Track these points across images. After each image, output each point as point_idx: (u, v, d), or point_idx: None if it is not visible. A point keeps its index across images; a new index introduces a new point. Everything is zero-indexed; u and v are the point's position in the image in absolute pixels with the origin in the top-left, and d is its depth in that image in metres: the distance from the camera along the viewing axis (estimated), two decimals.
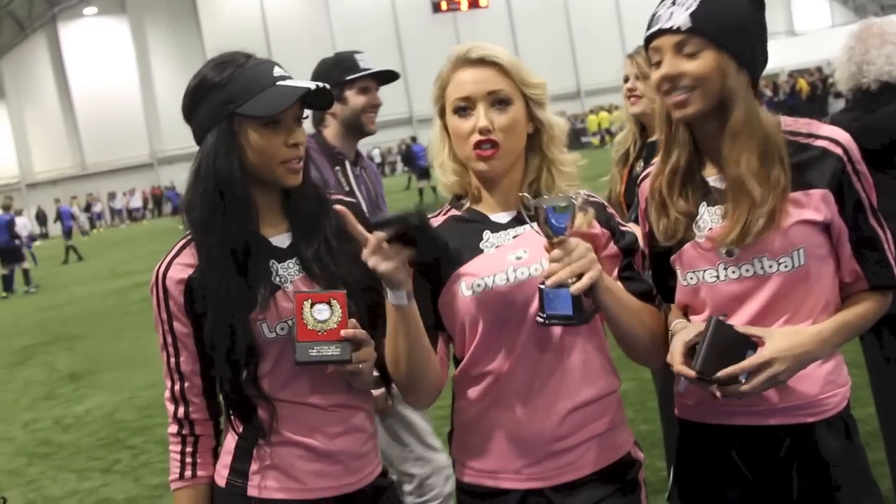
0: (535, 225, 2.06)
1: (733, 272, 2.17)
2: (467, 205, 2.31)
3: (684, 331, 2.17)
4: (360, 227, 2.07)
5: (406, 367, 2.16)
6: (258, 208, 2.20)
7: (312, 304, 2.10)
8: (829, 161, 2.13)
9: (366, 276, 2.12)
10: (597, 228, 2.24)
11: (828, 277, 2.18)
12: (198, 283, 2.17)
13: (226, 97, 2.13)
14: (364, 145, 4.07)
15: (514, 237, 2.22)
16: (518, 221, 2.22)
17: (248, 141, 2.14)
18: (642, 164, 3.68)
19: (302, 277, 2.21)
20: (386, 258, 1.99)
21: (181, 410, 2.24)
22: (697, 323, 2.20)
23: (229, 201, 2.14)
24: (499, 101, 2.18)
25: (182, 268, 2.20)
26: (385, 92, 3.94)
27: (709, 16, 2.08)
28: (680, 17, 2.09)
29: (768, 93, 33.09)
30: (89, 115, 52.54)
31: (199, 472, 2.24)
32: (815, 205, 2.12)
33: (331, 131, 3.79)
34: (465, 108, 2.19)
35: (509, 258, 2.17)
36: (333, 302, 2.11)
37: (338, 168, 3.76)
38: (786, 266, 2.13)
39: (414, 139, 35.74)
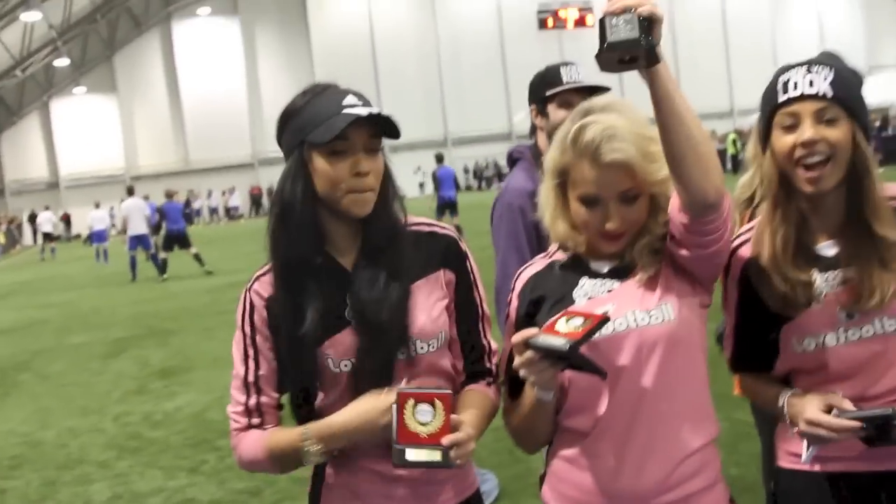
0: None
1: (853, 334, 2.18)
2: (572, 250, 2.30)
3: (826, 397, 2.16)
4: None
5: (532, 439, 2.32)
6: (328, 235, 2.22)
7: (415, 404, 2.02)
8: None
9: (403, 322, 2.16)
10: None
11: None
12: (271, 303, 2.22)
13: (300, 124, 2.15)
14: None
15: (608, 291, 2.21)
16: (617, 273, 2.22)
17: (316, 168, 2.14)
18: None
19: None
20: (538, 371, 2.03)
21: (255, 421, 2.24)
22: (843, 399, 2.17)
23: (292, 224, 2.17)
24: (628, 198, 2.16)
25: (266, 285, 2.24)
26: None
27: (844, 86, 2.15)
28: (822, 85, 2.14)
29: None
30: (196, 113, 53.99)
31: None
32: None
33: (542, 140, 3.82)
34: (593, 201, 2.17)
35: (597, 312, 2.11)
36: (437, 403, 2.02)
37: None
38: None
39: (440, 158, 22.30)
